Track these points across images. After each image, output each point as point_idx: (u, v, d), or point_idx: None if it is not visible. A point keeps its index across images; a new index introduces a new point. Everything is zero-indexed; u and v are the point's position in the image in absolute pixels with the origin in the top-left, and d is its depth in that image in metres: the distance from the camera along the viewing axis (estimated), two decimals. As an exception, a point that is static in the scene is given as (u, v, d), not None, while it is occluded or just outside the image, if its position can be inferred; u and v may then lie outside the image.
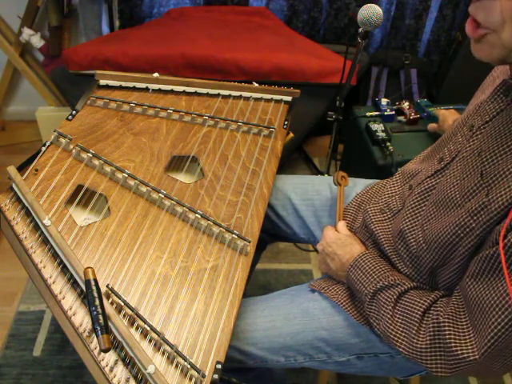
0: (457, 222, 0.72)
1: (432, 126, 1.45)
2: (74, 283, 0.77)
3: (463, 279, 0.73)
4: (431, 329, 0.73)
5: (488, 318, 0.66)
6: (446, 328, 0.71)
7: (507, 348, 0.67)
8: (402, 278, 0.81)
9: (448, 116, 1.33)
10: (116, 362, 0.70)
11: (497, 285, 0.66)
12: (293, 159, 2.21)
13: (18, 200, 0.86)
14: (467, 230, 0.70)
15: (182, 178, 0.98)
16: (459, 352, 0.69)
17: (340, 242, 0.91)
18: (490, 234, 0.68)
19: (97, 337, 0.65)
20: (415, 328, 0.75)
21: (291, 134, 1.13)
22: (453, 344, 0.70)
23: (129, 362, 0.70)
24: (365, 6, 1.15)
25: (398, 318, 0.77)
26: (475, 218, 0.69)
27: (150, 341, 0.73)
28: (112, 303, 0.75)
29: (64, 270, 0.78)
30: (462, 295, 0.73)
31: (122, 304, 0.75)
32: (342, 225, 0.98)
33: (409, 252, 0.82)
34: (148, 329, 0.73)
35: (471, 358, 0.68)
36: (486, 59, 0.64)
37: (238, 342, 0.88)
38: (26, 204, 0.84)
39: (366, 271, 0.83)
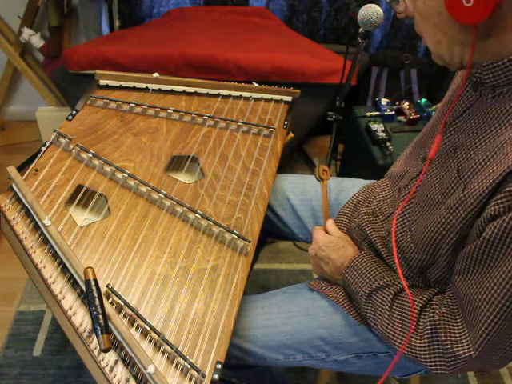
0: (438, 220, 0.72)
1: None
2: (73, 283, 0.77)
3: (452, 276, 0.73)
4: (428, 327, 0.73)
5: (478, 312, 0.66)
6: (442, 326, 0.71)
7: (501, 341, 0.68)
8: (396, 277, 0.81)
9: None
10: (116, 362, 0.70)
11: (482, 279, 0.66)
12: (293, 159, 2.21)
13: (18, 200, 0.86)
14: (448, 226, 0.71)
15: (182, 178, 0.98)
16: (455, 349, 0.70)
17: (332, 246, 0.91)
18: (470, 228, 0.68)
19: (97, 337, 0.65)
20: (413, 327, 0.75)
21: (291, 134, 1.13)
22: (448, 342, 0.70)
23: (129, 362, 0.70)
24: (365, 6, 1.15)
25: (396, 317, 0.78)
26: (454, 214, 0.69)
27: (150, 341, 0.73)
28: (112, 303, 0.75)
29: (64, 270, 0.78)
30: (453, 292, 0.73)
31: (122, 304, 0.75)
32: (330, 224, 0.97)
33: (401, 252, 0.83)
34: (148, 329, 0.73)
35: (467, 354, 0.69)
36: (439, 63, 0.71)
37: (237, 339, 0.88)
38: (26, 204, 0.84)
39: (362, 272, 0.83)
